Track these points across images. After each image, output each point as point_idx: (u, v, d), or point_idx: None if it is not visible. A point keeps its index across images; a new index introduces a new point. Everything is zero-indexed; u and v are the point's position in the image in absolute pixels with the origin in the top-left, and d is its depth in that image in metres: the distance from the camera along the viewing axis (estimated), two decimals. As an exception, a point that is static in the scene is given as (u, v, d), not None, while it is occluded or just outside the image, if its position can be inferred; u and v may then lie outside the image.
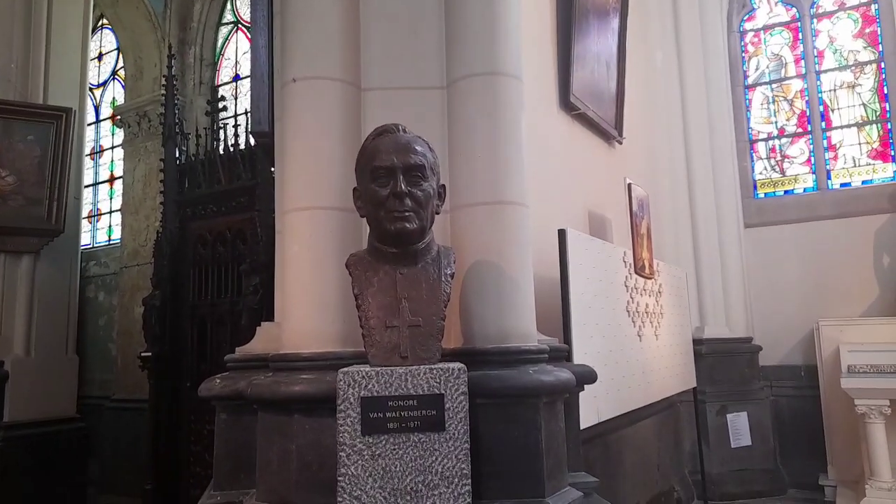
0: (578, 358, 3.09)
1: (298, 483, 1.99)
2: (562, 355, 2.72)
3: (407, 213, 1.77)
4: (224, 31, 7.70)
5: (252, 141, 4.63)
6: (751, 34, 6.49)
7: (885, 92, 5.82)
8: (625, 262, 4.00)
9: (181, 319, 5.13)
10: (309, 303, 2.19)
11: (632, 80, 5.04)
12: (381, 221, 1.80)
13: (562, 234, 3.24)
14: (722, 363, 5.55)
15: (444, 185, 1.97)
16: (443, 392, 1.70)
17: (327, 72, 2.30)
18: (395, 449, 1.66)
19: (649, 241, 4.47)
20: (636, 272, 4.13)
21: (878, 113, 5.87)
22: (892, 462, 4.40)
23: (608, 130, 4.71)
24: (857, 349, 4.92)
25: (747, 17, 6.50)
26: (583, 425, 3.09)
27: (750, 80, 6.44)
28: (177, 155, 5.36)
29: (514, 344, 2.22)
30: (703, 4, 6.13)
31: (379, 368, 1.70)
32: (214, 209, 5.06)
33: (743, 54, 6.47)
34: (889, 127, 5.79)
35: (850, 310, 5.58)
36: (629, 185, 4.31)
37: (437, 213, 1.94)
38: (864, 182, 5.87)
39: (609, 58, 4.74)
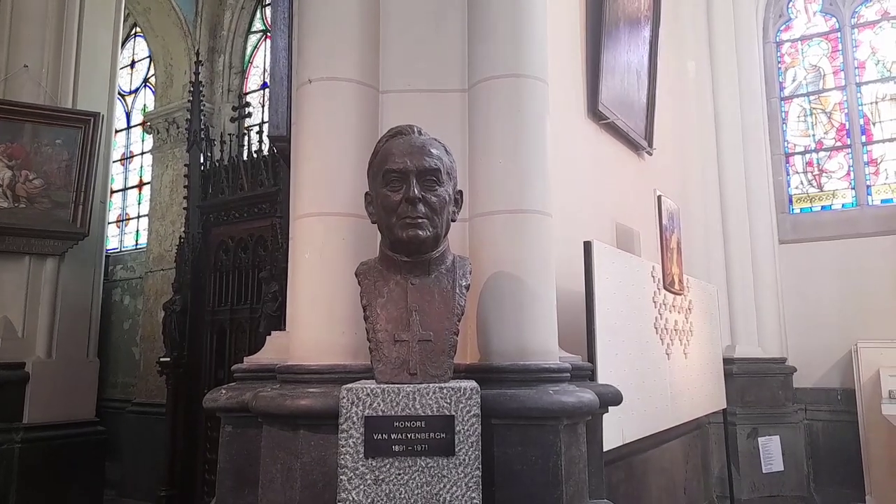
0: (603, 377, 2.95)
1: (302, 502, 1.89)
2: (585, 374, 2.58)
3: (420, 220, 1.67)
4: (253, 39, 7.75)
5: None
6: (787, 45, 6.28)
7: (932, 104, 5.56)
8: (653, 276, 3.84)
9: (200, 325, 5.10)
10: (319, 313, 2.10)
11: (663, 90, 4.90)
12: (392, 228, 1.70)
13: (587, 246, 3.11)
14: (754, 384, 5.33)
15: (461, 191, 1.86)
16: (453, 413, 1.58)
17: (344, 73, 2.22)
18: (399, 474, 1.54)
19: (679, 255, 4.30)
20: (665, 287, 3.97)
21: (922, 126, 5.62)
22: (939, 496, 4.13)
23: (637, 141, 4.57)
24: (899, 374, 4.67)
25: (784, 27, 6.30)
26: (606, 447, 2.94)
27: (786, 92, 6.22)
28: (201, 161, 5.37)
29: (533, 361, 2.10)
30: (738, 14, 5.96)
31: (385, 386, 1.59)
32: (237, 215, 5.03)
33: (779, 65, 6.26)
34: (935, 141, 5.53)
35: (891, 331, 5.30)
36: (659, 197, 4.16)
37: (454, 221, 1.83)
38: (906, 198, 5.61)
39: (640, 67, 4.62)
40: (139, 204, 8.73)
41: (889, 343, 5.10)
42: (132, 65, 9.01)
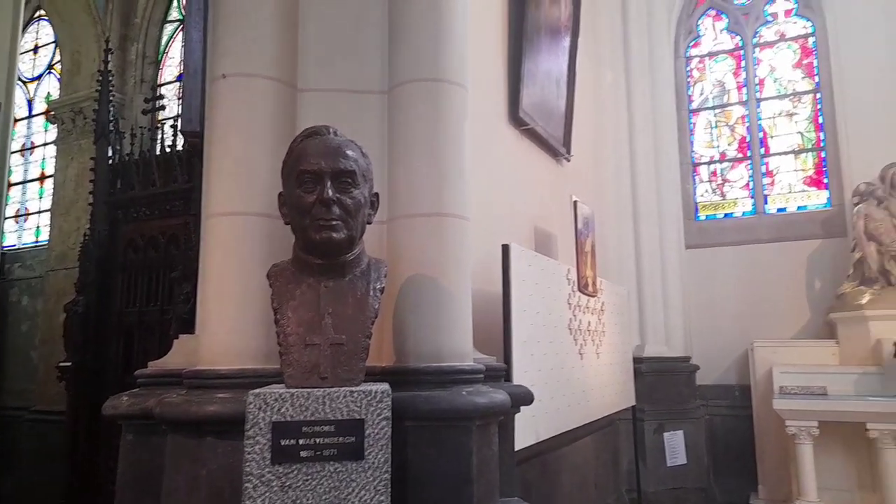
0: (518, 377, 3.02)
1: (208, 511, 1.83)
2: (499, 375, 2.64)
3: (334, 222, 1.65)
4: (169, 28, 7.42)
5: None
6: (696, 60, 6.67)
7: (821, 122, 6.05)
8: (568, 279, 3.97)
9: (106, 328, 4.84)
10: (230, 315, 2.04)
11: (581, 99, 5.08)
12: (306, 230, 1.68)
13: (505, 249, 3.18)
14: (661, 382, 5.60)
15: (377, 194, 1.86)
16: (363, 417, 1.57)
17: (260, 69, 2.17)
18: (307, 480, 1.52)
19: (593, 259, 4.47)
20: (579, 290, 4.11)
21: (813, 142, 6.10)
22: (819, 483, 4.50)
23: (556, 147, 4.71)
24: (788, 370, 5.06)
25: (693, 43, 6.68)
26: (521, 445, 3.02)
27: (694, 105, 6.61)
28: (110, 154, 5.09)
29: (448, 363, 2.13)
30: (652, 29, 6.25)
31: (295, 390, 1.57)
32: (147, 212, 4.81)
33: (688, 79, 6.64)
34: (823, 156, 6.02)
35: (783, 331, 5.74)
36: (575, 202, 4.31)
37: (369, 223, 1.83)
38: (799, 208, 6.08)
39: (559, 76, 4.76)
40: (40, 198, 8.17)
41: (781, 343, 5.52)
42: (35, 50, 8.42)
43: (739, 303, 5.97)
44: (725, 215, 6.36)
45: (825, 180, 5.99)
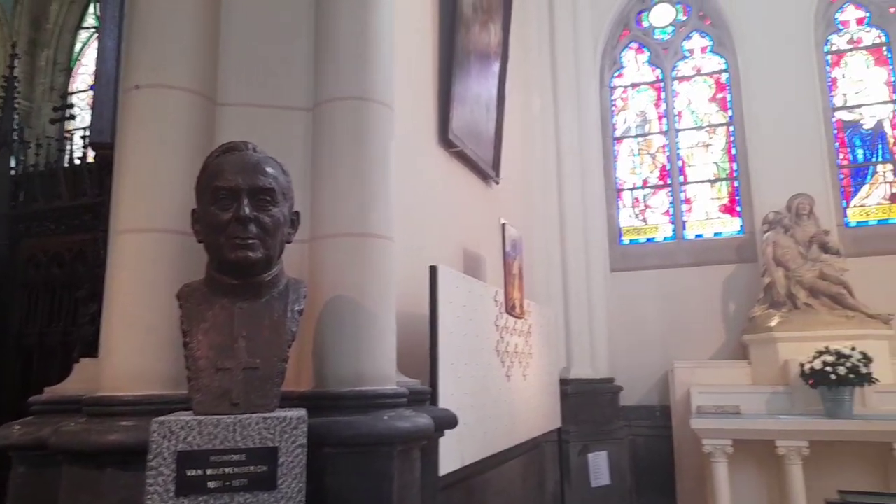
0: (444, 400, 2.99)
1: (104, 550, 1.69)
2: (423, 398, 2.60)
3: (251, 241, 1.58)
4: (83, 35, 7.06)
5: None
6: (620, 90, 6.96)
7: (734, 153, 6.43)
8: (496, 301, 3.99)
9: (3, 350, 4.46)
10: (136, 338, 1.91)
11: (510, 123, 5.18)
12: (220, 248, 1.59)
13: (433, 270, 3.16)
14: (586, 403, 5.70)
15: (297, 212, 1.80)
16: (277, 445, 1.49)
17: (177, 81, 2.07)
18: (214, 513, 1.42)
19: (521, 281, 4.52)
20: (507, 312, 4.14)
21: (727, 171, 6.46)
22: (733, 499, 4.68)
23: (486, 170, 4.77)
24: (705, 391, 5.27)
25: (617, 73, 6.98)
26: (446, 470, 2.97)
27: (618, 133, 6.88)
28: (13, 164, 4.75)
29: (370, 387, 2.07)
30: (579, 59, 6.49)
31: (203, 418, 1.47)
32: (52, 227, 4.50)
33: (612, 108, 6.92)
34: (736, 185, 6.38)
35: (701, 353, 5.99)
36: (503, 225, 4.36)
37: (289, 242, 1.76)
38: (715, 234, 6.40)
39: (489, 100, 4.84)
40: (-67, 209, 7.50)
41: (699, 364, 5.74)
42: (-68, 50, 7.79)
43: (660, 325, 6.19)
44: (647, 240, 6.61)
45: (738, 208, 6.34)
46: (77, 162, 4.50)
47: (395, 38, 2.51)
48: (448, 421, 2.56)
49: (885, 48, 6.13)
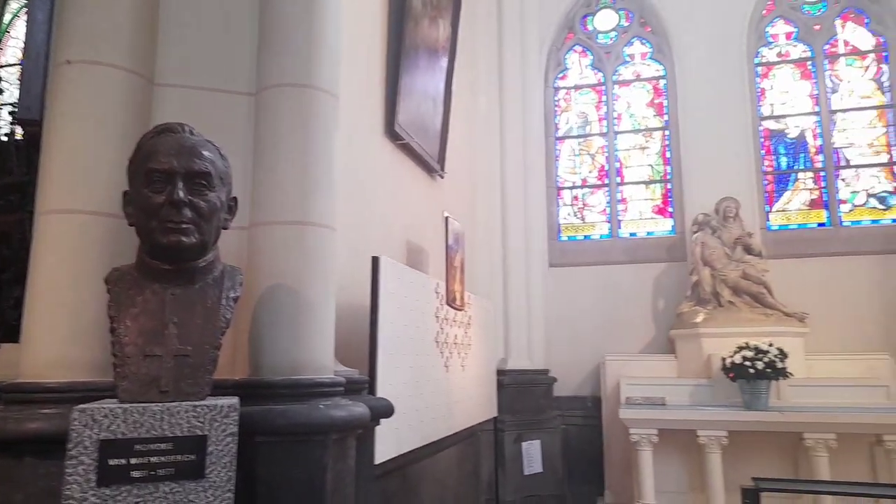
0: (382, 389, 3.02)
1: (22, 542, 1.63)
2: (360, 387, 2.62)
3: (185, 226, 1.56)
4: (13, 5, 6.67)
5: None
6: (563, 91, 7.12)
7: (668, 156, 6.69)
8: (437, 293, 4.04)
9: (-87, 335, 4.18)
10: (61, 323, 1.84)
11: (456, 119, 5.22)
12: (152, 232, 1.56)
13: (375, 261, 3.18)
14: (521, 393, 5.85)
15: (235, 198, 1.78)
16: (206, 433, 1.48)
17: (111, 58, 2.01)
18: (138, 502, 1.39)
19: (462, 274, 4.58)
20: (448, 304, 4.20)
21: (661, 174, 6.72)
22: (657, 486, 4.91)
23: (431, 164, 4.80)
24: (634, 383, 5.49)
25: (561, 75, 7.14)
26: (383, 458, 3.01)
27: (560, 133, 7.04)
28: (-71, 137, 4.44)
29: (306, 376, 2.08)
30: (525, 59, 6.60)
31: (128, 405, 1.44)
32: (-28, 205, 4.23)
33: (556, 109, 7.07)
34: (669, 187, 6.65)
35: (632, 346, 6.24)
36: (446, 218, 4.41)
37: (225, 228, 1.74)
38: (648, 233, 6.65)
39: (436, 95, 4.87)
40: None
41: (630, 357, 5.98)
42: None
43: (595, 319, 6.41)
44: (585, 237, 6.81)
45: (670, 209, 6.62)
46: (3, 139, 4.26)
47: (342, 28, 2.51)
48: (384, 410, 2.59)
49: (809, 63, 6.51)
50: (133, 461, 1.40)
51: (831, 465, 4.69)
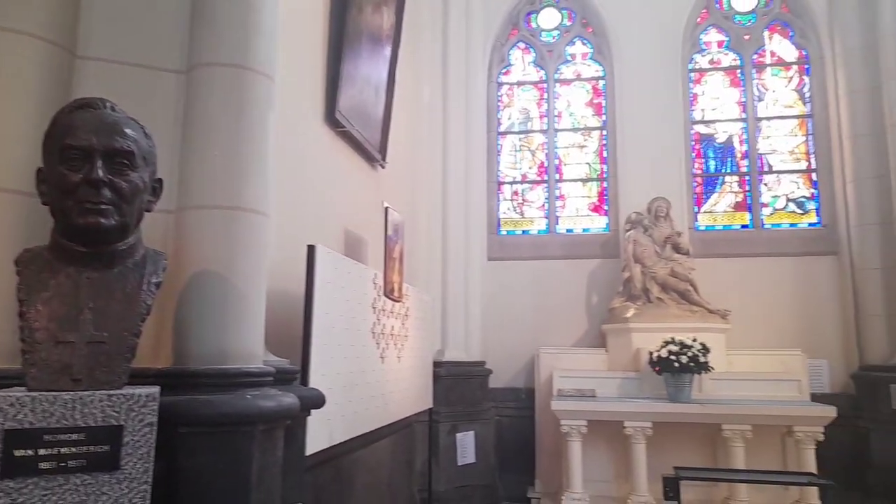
0: (315, 380, 2.97)
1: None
2: (291, 378, 2.57)
3: (104, 207, 1.48)
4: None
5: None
6: (506, 87, 7.19)
7: (605, 156, 6.87)
8: (375, 284, 4.02)
9: None
10: (-36, 306, 1.72)
11: (399, 109, 5.18)
12: (68, 212, 1.48)
13: (311, 250, 3.12)
14: (457, 385, 5.89)
15: (160, 180, 1.70)
16: (122, 423, 1.42)
17: (27, 26, 1.88)
18: (46, 495, 1.32)
19: (401, 265, 4.57)
20: (385, 295, 4.18)
21: (598, 172, 6.90)
22: (585, 475, 5.06)
23: (372, 153, 4.75)
24: (566, 375, 5.63)
25: (504, 70, 7.20)
26: (314, 449, 2.97)
27: (502, 128, 7.11)
28: None
29: (234, 365, 2.02)
30: (470, 53, 6.61)
31: (38, 394, 1.36)
32: None
33: (498, 104, 7.14)
34: (605, 186, 6.83)
35: (566, 340, 6.39)
36: (386, 208, 4.38)
37: (148, 211, 1.67)
38: (584, 230, 6.82)
39: (379, 83, 4.82)
40: None
41: (563, 350, 6.13)
42: None
43: (531, 312, 6.53)
44: (523, 232, 6.92)
45: (606, 207, 6.80)
46: None
47: (281, 9, 2.44)
48: (315, 400, 2.55)
49: (739, 71, 6.82)
50: (41, 452, 1.32)
51: (747, 455, 4.95)
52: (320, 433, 3.05)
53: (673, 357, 5.07)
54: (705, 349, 5.13)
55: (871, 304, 5.71)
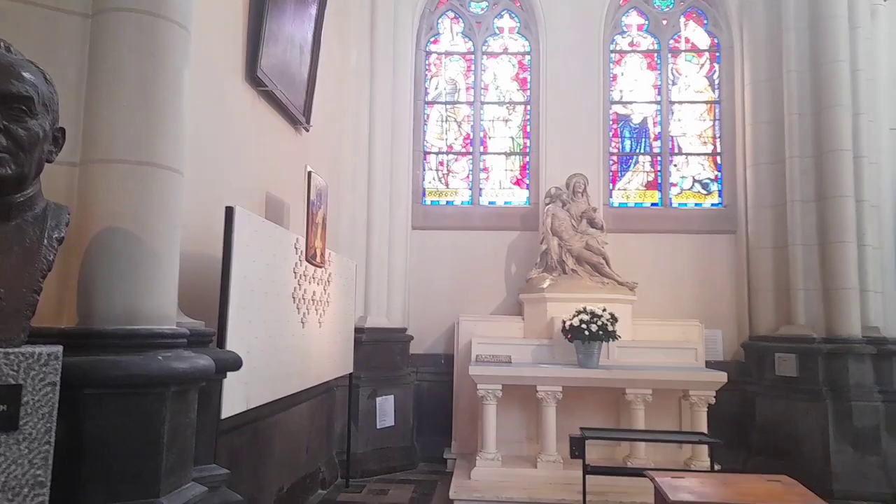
0: (233, 343, 2.94)
1: None
2: (206, 340, 2.53)
3: (0, 155, 1.40)
4: None
5: None
6: (434, 56, 7.16)
7: (528, 130, 7.01)
8: (296, 248, 3.97)
9: None
10: None
11: (325, 71, 5.07)
12: (-41, 161, 1.39)
13: (229, 211, 3.05)
14: (378, 351, 5.96)
15: (62, 129, 1.62)
16: (21, 383, 1.37)
17: None
18: (-65, 454, 1.27)
19: (324, 230, 4.53)
20: (307, 260, 4.14)
21: (521, 147, 7.04)
22: (499, 437, 5.28)
23: (296, 115, 4.64)
24: (484, 342, 5.81)
25: (433, 39, 7.16)
26: (232, 412, 2.95)
27: (430, 98, 7.10)
28: None
29: (145, 326, 1.97)
30: (398, 19, 6.51)
31: (-76, 351, 1.30)
32: None
33: (426, 72, 7.10)
34: (528, 160, 6.99)
35: (485, 308, 6.57)
36: (309, 173, 4.31)
37: (49, 161, 1.58)
38: (505, 203, 6.97)
39: (304, 43, 4.69)
40: None
41: (482, 318, 6.30)
42: None
43: (452, 281, 6.65)
44: (447, 202, 6.99)
45: (527, 181, 6.97)
46: None
47: (197, -44, 2.33)
48: (231, 363, 2.52)
49: (656, 55, 7.10)
50: (-67, 411, 1.26)
51: (647, 417, 5.32)
52: (237, 396, 3.03)
53: (584, 326, 5.33)
54: (614, 319, 5.42)
55: (762, 280, 6.21)
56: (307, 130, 4.92)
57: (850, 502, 5.13)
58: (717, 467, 4.65)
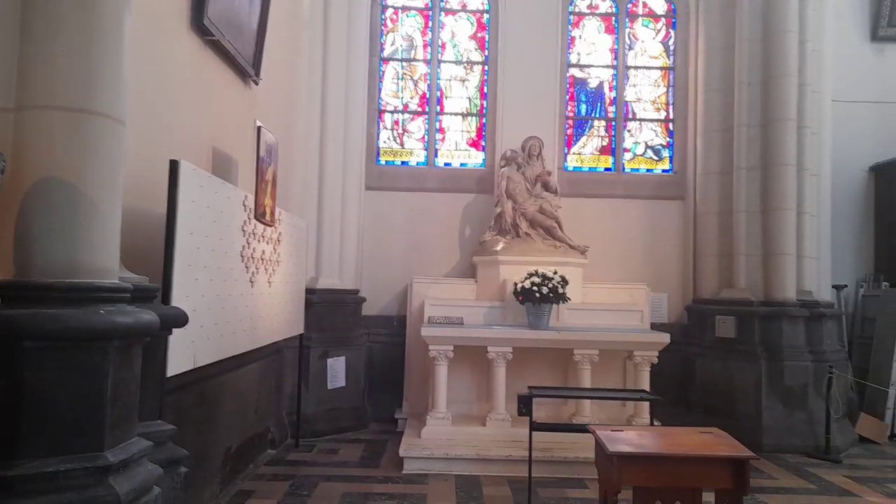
0: (178, 301, 2.87)
1: None
2: (149, 296, 2.46)
3: (-79, 94, 1.30)
4: None
5: None
6: (391, 11, 6.97)
7: (485, 92, 6.96)
8: (245, 206, 3.88)
9: None
10: None
11: (276, 23, 4.89)
12: None
13: (174, 165, 2.94)
14: (330, 312, 5.94)
15: (-9, 70, 1.52)
16: (-49, 332, 1.31)
17: None
18: None
19: (274, 188, 4.43)
20: (256, 218, 4.06)
21: (478, 108, 6.99)
22: (450, 397, 5.37)
23: (245, 67, 4.48)
24: (437, 303, 5.85)
25: (390, -7, 6.96)
26: (178, 370, 2.90)
27: (385, 54, 6.94)
28: None
29: (85, 280, 1.90)
30: (354, -31, 6.30)
31: None
32: None
33: (382, 28, 6.92)
34: (484, 122, 6.96)
35: (439, 270, 6.61)
36: (259, 128, 4.19)
37: (-21, 105, 1.49)
38: (461, 164, 6.95)
39: (254, -9, 4.48)
40: None
41: (435, 280, 6.33)
42: None
43: (406, 243, 6.65)
44: (402, 163, 6.92)
45: (483, 143, 6.95)
46: None
47: None
48: (176, 319, 2.47)
49: (614, 18, 7.11)
50: None
51: (593, 376, 5.50)
52: (184, 355, 2.98)
53: (535, 288, 5.43)
54: (564, 281, 5.53)
55: (708, 245, 6.43)
56: (256, 84, 4.76)
57: (779, 454, 5.49)
58: (657, 423, 4.87)
